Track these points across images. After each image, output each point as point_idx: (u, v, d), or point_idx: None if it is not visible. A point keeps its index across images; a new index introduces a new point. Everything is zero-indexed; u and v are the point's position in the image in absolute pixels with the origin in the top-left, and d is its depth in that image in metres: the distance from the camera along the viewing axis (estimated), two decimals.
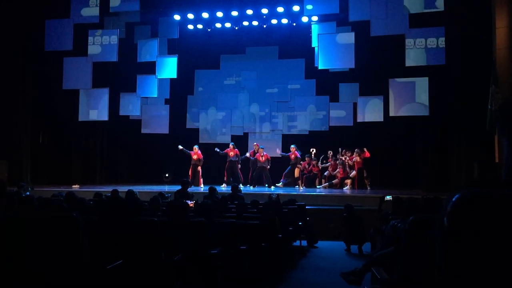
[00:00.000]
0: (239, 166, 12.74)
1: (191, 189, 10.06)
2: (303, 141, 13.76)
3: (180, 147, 12.63)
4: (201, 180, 12.56)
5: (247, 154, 13.06)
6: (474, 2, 10.12)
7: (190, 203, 6.63)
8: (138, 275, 3.38)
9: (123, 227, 3.58)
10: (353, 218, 7.72)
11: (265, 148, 12.93)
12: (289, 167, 12.76)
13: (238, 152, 12.75)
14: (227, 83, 15.09)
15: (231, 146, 12.75)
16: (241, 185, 11.73)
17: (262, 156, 12.54)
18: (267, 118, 14.68)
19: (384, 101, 11.74)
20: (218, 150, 12.75)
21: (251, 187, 12.41)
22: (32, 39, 12.73)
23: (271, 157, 12.82)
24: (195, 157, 12.58)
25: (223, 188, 11.69)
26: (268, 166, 12.64)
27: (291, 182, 12.73)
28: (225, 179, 12.57)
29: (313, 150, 13.08)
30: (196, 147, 12.75)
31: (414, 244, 2.40)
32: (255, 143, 13.14)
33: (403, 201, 5.93)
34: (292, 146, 12.78)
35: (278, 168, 12.92)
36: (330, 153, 13.11)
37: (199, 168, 12.62)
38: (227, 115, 14.90)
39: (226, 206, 6.58)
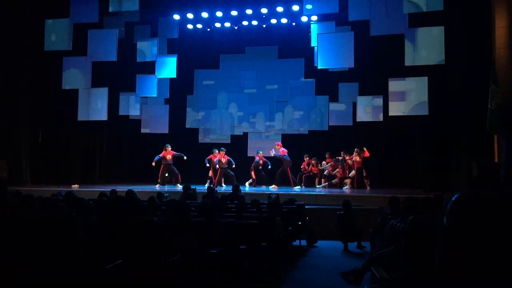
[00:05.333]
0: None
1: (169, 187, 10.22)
2: (303, 140, 13.74)
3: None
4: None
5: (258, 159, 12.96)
6: (474, 2, 10.12)
7: None
8: (138, 275, 3.38)
9: (122, 227, 3.57)
10: (349, 216, 7.71)
11: (265, 148, 12.99)
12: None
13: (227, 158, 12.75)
14: (227, 83, 15.07)
15: (216, 152, 12.73)
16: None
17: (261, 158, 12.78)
18: (267, 118, 14.67)
19: (383, 101, 11.75)
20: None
21: (246, 186, 12.44)
22: (31, 38, 12.72)
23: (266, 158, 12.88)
24: (169, 156, 12.47)
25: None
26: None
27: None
28: (212, 181, 12.55)
29: (307, 157, 13.05)
30: (168, 146, 12.63)
31: (413, 243, 2.40)
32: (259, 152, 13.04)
33: (400, 200, 5.93)
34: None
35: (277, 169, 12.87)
36: (327, 155, 13.10)
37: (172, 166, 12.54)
38: (227, 115, 14.90)
39: (226, 206, 6.58)
